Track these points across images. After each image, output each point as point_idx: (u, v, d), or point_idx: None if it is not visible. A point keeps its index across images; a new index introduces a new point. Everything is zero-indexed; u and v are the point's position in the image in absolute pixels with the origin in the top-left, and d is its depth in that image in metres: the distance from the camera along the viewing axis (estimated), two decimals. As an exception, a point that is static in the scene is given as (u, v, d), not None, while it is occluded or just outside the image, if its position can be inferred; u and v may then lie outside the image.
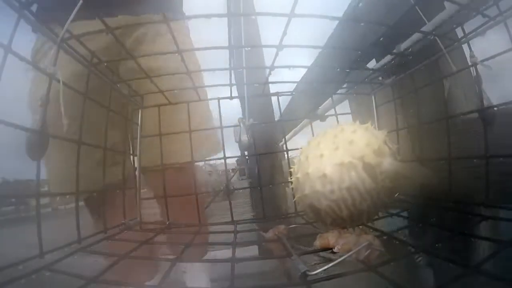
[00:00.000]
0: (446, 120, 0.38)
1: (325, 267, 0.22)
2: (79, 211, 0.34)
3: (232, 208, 0.46)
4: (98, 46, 0.45)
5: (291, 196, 0.36)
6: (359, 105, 0.58)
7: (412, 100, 0.42)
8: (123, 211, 0.42)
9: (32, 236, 0.27)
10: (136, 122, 0.47)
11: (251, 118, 0.43)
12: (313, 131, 0.48)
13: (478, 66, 0.32)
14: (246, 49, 0.38)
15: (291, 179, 0.33)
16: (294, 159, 0.34)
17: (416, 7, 0.32)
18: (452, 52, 0.35)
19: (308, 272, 0.21)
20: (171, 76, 0.44)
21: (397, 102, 0.45)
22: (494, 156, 0.32)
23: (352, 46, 0.43)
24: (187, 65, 0.37)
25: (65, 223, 0.40)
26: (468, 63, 0.33)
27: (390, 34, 0.39)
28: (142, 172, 0.46)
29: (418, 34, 0.37)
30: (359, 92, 0.52)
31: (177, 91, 0.47)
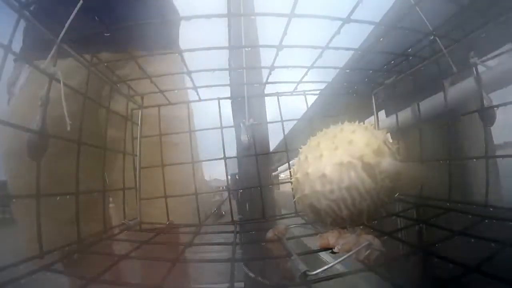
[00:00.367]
0: (446, 120, 0.38)
1: (325, 267, 0.22)
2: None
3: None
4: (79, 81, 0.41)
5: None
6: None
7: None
8: (123, 211, 0.42)
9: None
10: (136, 122, 0.47)
11: (251, 118, 0.43)
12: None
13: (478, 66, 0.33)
14: (246, 49, 0.38)
15: (291, 179, 0.33)
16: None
17: (417, 7, 0.32)
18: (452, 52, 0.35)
19: (308, 272, 0.21)
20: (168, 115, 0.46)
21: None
22: (493, 157, 0.32)
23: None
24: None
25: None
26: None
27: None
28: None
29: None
30: (359, 92, 0.52)
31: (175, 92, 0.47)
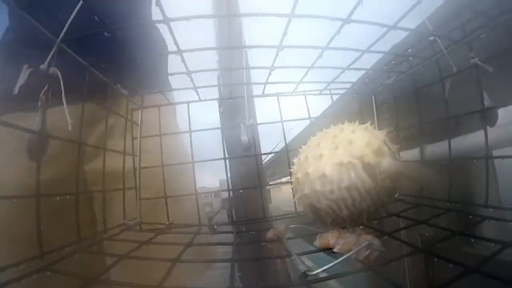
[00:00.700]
0: (446, 120, 0.38)
1: (325, 267, 0.22)
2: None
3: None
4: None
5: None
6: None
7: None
8: (123, 211, 0.42)
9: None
10: (136, 122, 0.47)
11: (251, 118, 0.43)
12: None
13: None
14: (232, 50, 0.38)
15: (291, 179, 0.33)
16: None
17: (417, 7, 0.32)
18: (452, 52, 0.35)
19: (308, 272, 0.21)
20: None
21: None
22: (494, 157, 0.32)
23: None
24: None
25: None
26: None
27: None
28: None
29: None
30: (359, 92, 0.52)
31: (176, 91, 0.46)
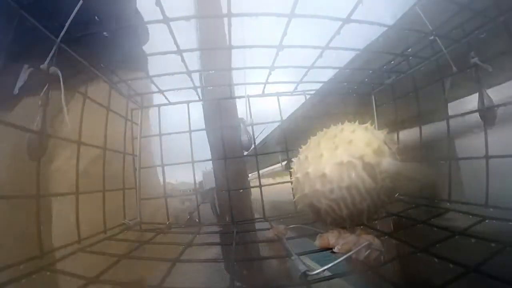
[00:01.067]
0: (446, 120, 0.38)
1: (325, 267, 0.22)
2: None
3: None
4: None
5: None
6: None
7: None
8: (123, 211, 0.42)
9: None
10: (136, 122, 0.47)
11: (251, 118, 0.43)
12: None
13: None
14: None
15: (291, 179, 0.33)
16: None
17: (416, 7, 0.32)
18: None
19: (308, 272, 0.21)
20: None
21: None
22: (494, 157, 0.32)
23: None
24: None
25: None
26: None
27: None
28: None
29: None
30: (359, 92, 0.52)
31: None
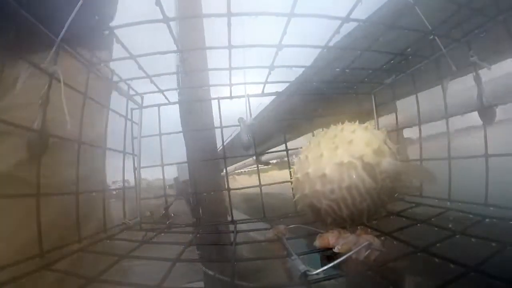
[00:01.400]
0: (446, 120, 0.38)
1: (325, 267, 0.22)
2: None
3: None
4: None
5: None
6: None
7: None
8: (123, 211, 0.42)
9: None
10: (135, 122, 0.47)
11: (251, 118, 0.44)
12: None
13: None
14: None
15: (291, 179, 0.33)
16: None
17: (416, 7, 0.32)
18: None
19: (308, 272, 0.21)
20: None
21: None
22: (494, 156, 0.32)
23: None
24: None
25: None
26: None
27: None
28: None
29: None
30: (359, 92, 0.52)
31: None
